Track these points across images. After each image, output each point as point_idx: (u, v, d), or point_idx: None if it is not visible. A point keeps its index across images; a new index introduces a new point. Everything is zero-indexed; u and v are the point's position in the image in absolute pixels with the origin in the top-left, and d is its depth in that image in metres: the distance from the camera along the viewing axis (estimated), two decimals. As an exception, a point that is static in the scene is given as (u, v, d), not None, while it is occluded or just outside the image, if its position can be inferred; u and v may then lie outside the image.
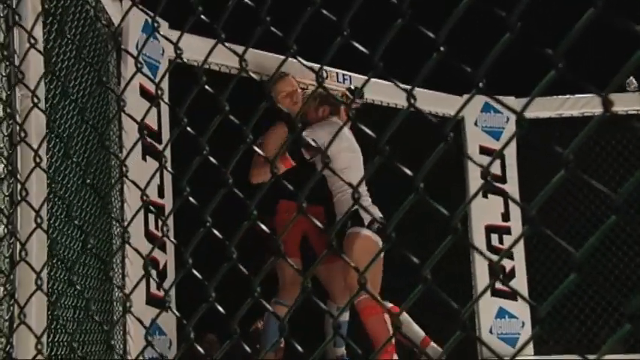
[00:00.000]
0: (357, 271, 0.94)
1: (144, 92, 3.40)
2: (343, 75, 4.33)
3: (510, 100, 4.47)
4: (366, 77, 3.99)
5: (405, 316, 3.38)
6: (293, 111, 3.56)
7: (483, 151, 4.54)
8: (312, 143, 3.36)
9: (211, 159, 1.12)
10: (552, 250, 4.52)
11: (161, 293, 3.37)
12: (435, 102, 4.49)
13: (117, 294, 3.07)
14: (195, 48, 3.53)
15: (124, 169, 1.36)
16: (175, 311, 1.30)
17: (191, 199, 1.20)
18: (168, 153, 3.58)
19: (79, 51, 2.65)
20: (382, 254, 3.28)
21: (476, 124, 4.63)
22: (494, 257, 4.57)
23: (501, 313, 4.36)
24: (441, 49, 0.83)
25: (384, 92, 4.30)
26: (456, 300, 0.85)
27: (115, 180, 3.06)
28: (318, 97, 3.55)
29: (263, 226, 1.07)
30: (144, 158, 3.32)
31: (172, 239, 1.40)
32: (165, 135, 3.56)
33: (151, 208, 3.14)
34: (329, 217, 3.49)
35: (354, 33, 0.99)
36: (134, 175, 1.36)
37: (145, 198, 1.37)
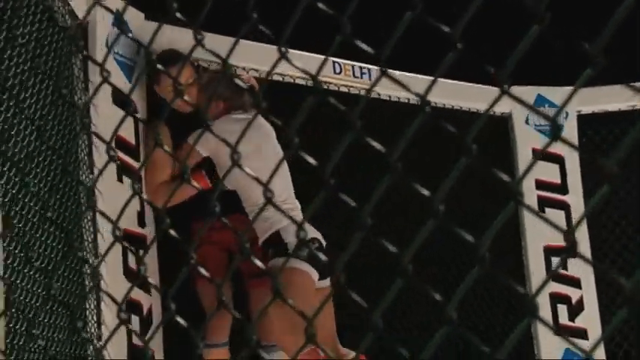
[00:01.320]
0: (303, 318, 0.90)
1: (119, 99, 3.38)
2: (361, 68, 4.29)
3: (567, 91, 4.38)
4: (390, 71, 3.89)
5: None
6: (187, 106, 3.27)
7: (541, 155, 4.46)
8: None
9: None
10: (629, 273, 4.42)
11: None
12: (471, 96, 4.43)
13: (90, 349, 3.03)
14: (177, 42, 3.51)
15: (95, 196, 1.29)
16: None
17: (172, 231, 1.15)
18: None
19: (34, 58, 2.64)
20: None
21: (527, 121, 4.55)
22: (557, 286, 4.45)
23: (568, 356, 4.27)
24: (458, 45, 0.79)
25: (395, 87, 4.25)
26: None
27: (84, 210, 3.03)
28: (209, 89, 3.26)
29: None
30: (120, 179, 3.30)
31: (151, 280, 1.36)
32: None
33: (125, 244, 3.11)
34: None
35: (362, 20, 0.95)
36: (109, 200, 1.32)
37: (117, 233, 1.33)
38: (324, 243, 3.14)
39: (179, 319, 1.14)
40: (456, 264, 4.33)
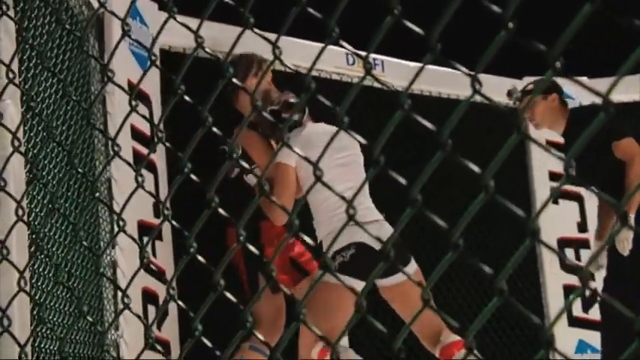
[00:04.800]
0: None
1: (133, 90, 3.42)
2: (374, 60, 4.32)
3: (584, 81, 4.43)
4: (402, 62, 3.92)
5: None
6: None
7: (551, 147, 4.50)
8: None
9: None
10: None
11: (162, 334, 3.38)
12: (490, 87, 4.47)
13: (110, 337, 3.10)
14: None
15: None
16: None
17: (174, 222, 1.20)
18: (164, 162, 3.62)
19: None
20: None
21: (540, 113, 4.58)
22: (571, 278, 4.46)
23: (582, 347, 4.31)
24: (510, 25, 0.83)
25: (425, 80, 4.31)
26: (528, 333, 0.86)
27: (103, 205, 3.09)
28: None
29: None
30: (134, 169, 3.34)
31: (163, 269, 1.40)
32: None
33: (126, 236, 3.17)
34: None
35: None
36: (126, 192, 1.37)
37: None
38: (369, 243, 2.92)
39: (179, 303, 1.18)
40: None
